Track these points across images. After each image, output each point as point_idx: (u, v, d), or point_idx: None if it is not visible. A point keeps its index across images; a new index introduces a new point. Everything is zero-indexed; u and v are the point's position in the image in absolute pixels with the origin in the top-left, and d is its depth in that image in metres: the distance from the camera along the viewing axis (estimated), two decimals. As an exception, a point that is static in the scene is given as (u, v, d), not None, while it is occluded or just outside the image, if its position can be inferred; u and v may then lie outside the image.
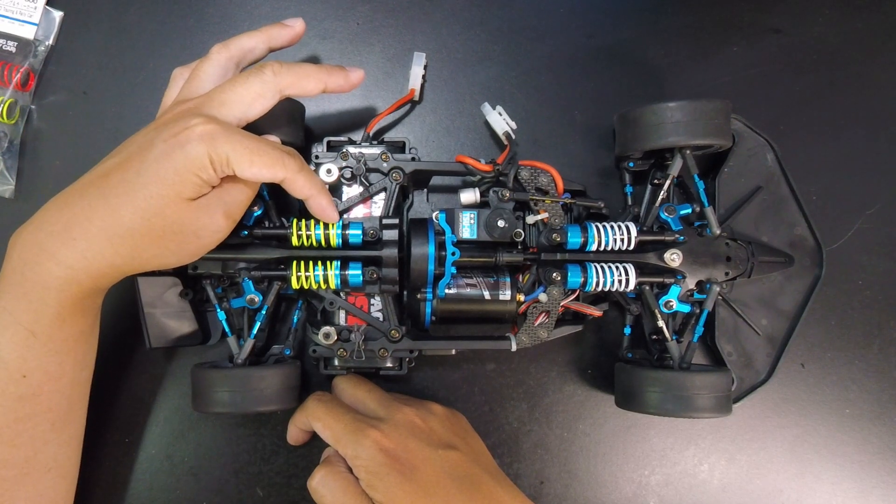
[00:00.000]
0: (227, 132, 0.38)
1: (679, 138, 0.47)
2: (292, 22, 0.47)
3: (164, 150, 0.38)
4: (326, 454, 0.48)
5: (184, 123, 0.38)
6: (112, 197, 0.38)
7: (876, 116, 0.57)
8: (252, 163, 0.39)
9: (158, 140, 0.38)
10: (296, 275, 0.46)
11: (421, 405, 0.48)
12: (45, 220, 0.39)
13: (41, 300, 0.39)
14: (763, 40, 0.57)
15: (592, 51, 0.57)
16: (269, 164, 0.39)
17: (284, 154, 0.41)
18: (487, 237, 0.48)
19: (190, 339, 0.49)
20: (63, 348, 0.41)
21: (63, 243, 0.38)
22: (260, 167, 0.39)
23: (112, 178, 0.38)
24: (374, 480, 0.42)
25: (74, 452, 0.45)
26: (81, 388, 0.44)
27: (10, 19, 0.54)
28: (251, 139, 0.39)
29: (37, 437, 0.41)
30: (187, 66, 0.46)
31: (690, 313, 0.50)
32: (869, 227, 0.56)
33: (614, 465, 0.54)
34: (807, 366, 0.55)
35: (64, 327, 0.40)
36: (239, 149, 0.38)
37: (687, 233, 0.49)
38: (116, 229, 0.38)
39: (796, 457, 0.54)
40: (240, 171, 0.39)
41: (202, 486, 0.52)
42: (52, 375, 0.41)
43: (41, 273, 0.38)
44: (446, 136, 0.55)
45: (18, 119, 0.53)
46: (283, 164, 0.40)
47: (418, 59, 0.54)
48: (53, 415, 0.42)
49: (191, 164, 0.37)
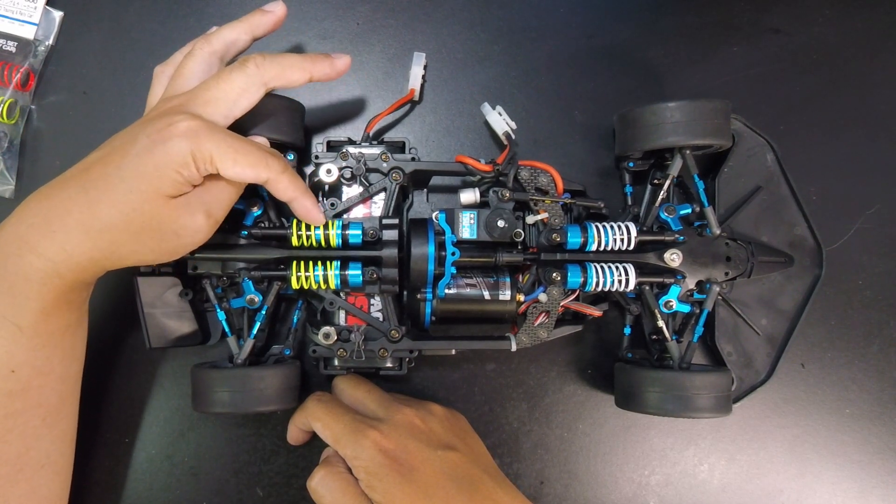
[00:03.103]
0: (210, 130, 0.38)
1: (679, 138, 0.47)
2: (273, 6, 0.46)
3: (145, 146, 0.38)
4: (326, 454, 0.48)
5: (168, 120, 0.38)
6: (91, 190, 0.38)
7: (876, 116, 0.57)
8: (236, 162, 0.39)
9: (141, 136, 0.38)
10: (296, 275, 0.46)
11: (420, 406, 0.48)
12: (26, 212, 0.39)
13: (24, 294, 0.38)
14: (763, 40, 0.57)
15: (592, 51, 0.57)
16: (252, 163, 0.39)
17: (268, 155, 0.41)
18: (487, 237, 0.48)
19: (190, 339, 0.49)
20: (50, 343, 0.41)
21: (43, 235, 0.38)
22: (243, 167, 0.39)
23: (93, 172, 0.38)
24: (373, 481, 0.42)
25: (68, 448, 0.45)
26: (72, 382, 0.44)
27: (10, 19, 0.54)
28: (235, 138, 0.39)
29: (28, 434, 0.41)
30: (168, 63, 0.46)
31: (690, 313, 0.50)
32: (869, 227, 0.56)
33: (614, 465, 0.54)
34: (807, 366, 0.55)
35: (49, 321, 0.40)
36: (223, 147, 0.38)
37: (687, 233, 0.49)
38: (94, 223, 0.38)
39: (796, 457, 0.54)
40: (223, 169, 0.39)
41: (202, 486, 0.52)
42: (40, 370, 0.41)
43: (23, 266, 0.38)
44: (446, 136, 0.55)
45: (18, 119, 0.53)
46: (266, 164, 0.40)
47: (418, 59, 0.54)
48: (44, 410, 0.42)
49: (172, 160, 0.37)
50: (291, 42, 0.55)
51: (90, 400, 0.51)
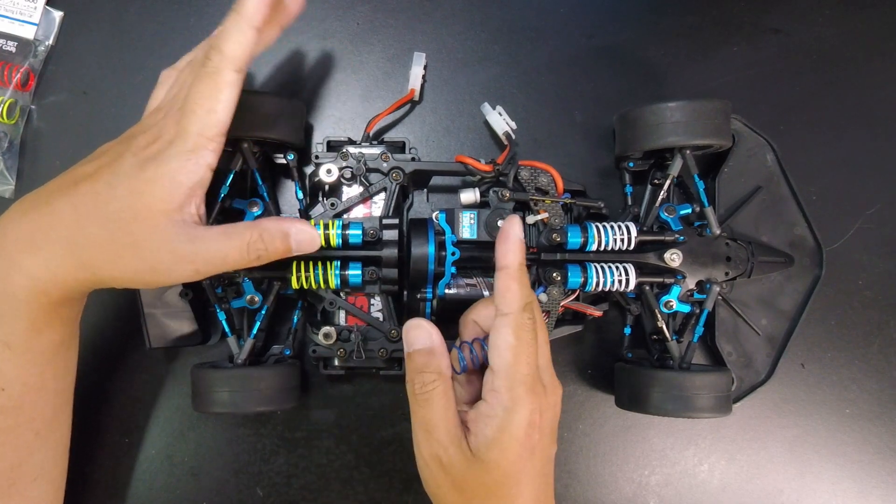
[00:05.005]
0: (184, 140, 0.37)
1: (679, 138, 0.47)
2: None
3: (134, 164, 0.37)
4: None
5: (155, 134, 0.38)
6: (80, 206, 0.37)
7: (876, 116, 0.57)
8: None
9: (128, 154, 0.38)
10: (296, 275, 0.46)
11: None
12: (11, 225, 0.38)
13: (11, 312, 0.38)
14: (763, 40, 0.57)
15: (592, 51, 0.57)
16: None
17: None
18: (487, 237, 0.49)
19: (190, 339, 0.49)
20: (42, 360, 0.40)
21: (27, 252, 0.37)
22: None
23: (82, 187, 0.38)
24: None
25: (61, 458, 0.44)
26: (65, 395, 0.43)
27: (10, 19, 0.54)
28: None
29: (21, 448, 0.41)
30: (174, 68, 0.46)
31: (690, 313, 0.50)
32: (869, 227, 0.56)
33: (614, 465, 0.54)
34: (807, 366, 0.55)
35: (40, 338, 0.39)
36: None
37: (687, 233, 0.49)
38: (80, 240, 0.37)
39: (796, 457, 0.54)
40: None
41: (202, 486, 0.52)
42: (32, 387, 0.40)
43: (8, 284, 0.37)
44: (446, 136, 0.55)
45: (18, 119, 0.53)
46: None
47: (418, 59, 0.54)
48: (37, 424, 0.41)
49: (161, 174, 0.37)
50: (291, 42, 0.55)
51: (90, 400, 0.51)
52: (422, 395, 0.40)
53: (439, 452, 0.39)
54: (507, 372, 0.38)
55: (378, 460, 0.53)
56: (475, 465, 0.38)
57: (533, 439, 0.39)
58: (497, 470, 0.38)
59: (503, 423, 0.38)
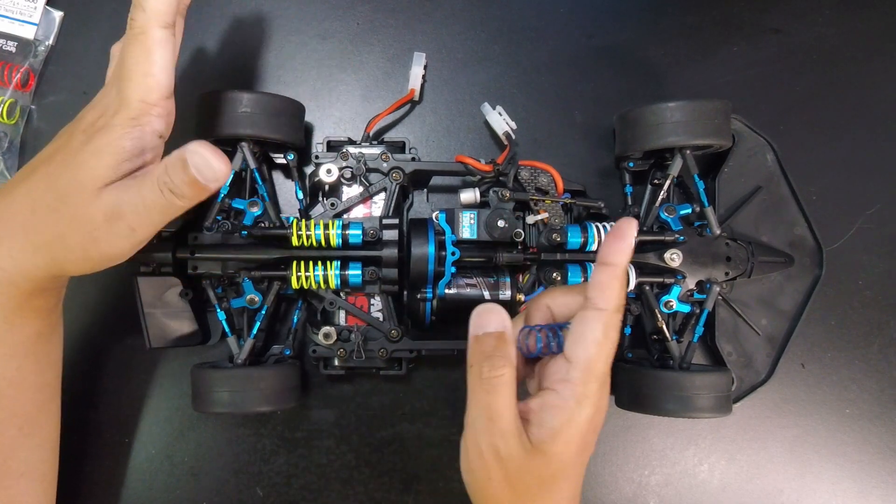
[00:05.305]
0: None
1: (679, 138, 0.47)
2: None
3: (83, 140, 0.37)
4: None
5: (102, 108, 0.37)
6: (34, 190, 0.37)
7: (876, 116, 0.57)
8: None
9: (78, 132, 0.37)
10: (296, 275, 0.46)
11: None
12: None
13: None
14: (763, 40, 0.57)
15: (592, 51, 0.57)
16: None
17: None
18: (487, 237, 0.49)
19: (190, 339, 0.49)
20: (19, 352, 0.40)
21: None
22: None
23: (38, 172, 0.37)
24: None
25: (50, 455, 0.44)
26: (49, 390, 0.43)
27: (10, 19, 0.54)
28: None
29: (4, 444, 0.40)
30: (121, 40, 0.43)
31: (690, 313, 0.50)
32: (869, 227, 0.56)
33: (614, 465, 0.54)
34: (807, 366, 0.55)
35: (14, 330, 0.39)
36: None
37: (687, 233, 0.49)
38: (35, 226, 0.36)
39: (796, 457, 0.54)
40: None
41: (202, 486, 0.52)
42: (12, 381, 0.40)
43: None
44: (446, 136, 0.55)
45: (18, 119, 0.53)
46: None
47: (418, 59, 0.54)
48: (20, 419, 0.41)
49: (109, 141, 0.36)
50: (291, 42, 0.55)
51: (90, 400, 0.52)
52: (489, 380, 0.37)
53: (499, 443, 0.36)
54: (586, 364, 0.36)
55: (378, 460, 0.53)
56: (535, 458, 0.36)
57: (590, 437, 0.38)
58: (557, 462, 0.37)
59: (572, 415, 0.36)
